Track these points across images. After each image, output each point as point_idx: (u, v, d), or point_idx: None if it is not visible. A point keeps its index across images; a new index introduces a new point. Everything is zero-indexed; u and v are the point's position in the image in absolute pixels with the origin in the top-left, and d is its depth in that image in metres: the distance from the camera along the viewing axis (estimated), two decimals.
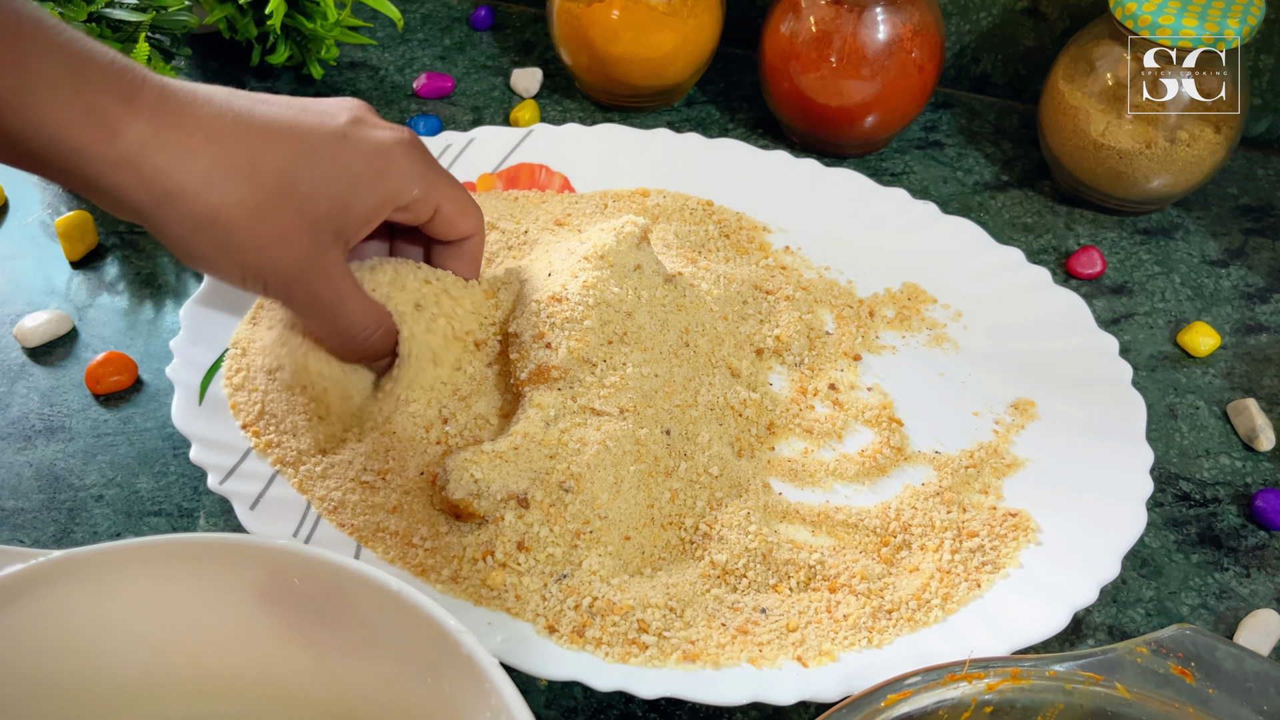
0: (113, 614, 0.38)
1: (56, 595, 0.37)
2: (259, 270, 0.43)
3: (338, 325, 0.46)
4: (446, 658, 0.36)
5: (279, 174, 0.42)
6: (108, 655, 0.39)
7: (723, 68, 0.74)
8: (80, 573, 0.38)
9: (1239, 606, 0.48)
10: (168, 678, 0.39)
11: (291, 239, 0.43)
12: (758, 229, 0.62)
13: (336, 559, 0.38)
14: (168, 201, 0.40)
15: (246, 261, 0.43)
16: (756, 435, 0.52)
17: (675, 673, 0.42)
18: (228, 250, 0.42)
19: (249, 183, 0.41)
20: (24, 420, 0.53)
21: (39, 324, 0.56)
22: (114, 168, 0.39)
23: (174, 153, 0.40)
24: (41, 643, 0.38)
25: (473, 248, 0.51)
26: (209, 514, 0.50)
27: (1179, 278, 0.63)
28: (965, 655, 0.43)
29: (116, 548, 0.38)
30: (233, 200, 0.41)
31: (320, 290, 0.45)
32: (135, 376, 0.55)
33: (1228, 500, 0.52)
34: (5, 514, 0.50)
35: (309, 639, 0.39)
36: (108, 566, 0.38)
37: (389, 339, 0.48)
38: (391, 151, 0.45)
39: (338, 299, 0.46)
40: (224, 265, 0.43)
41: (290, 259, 0.43)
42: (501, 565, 0.45)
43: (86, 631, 0.38)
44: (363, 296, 0.47)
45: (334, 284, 0.45)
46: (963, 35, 0.72)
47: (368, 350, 0.48)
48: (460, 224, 0.49)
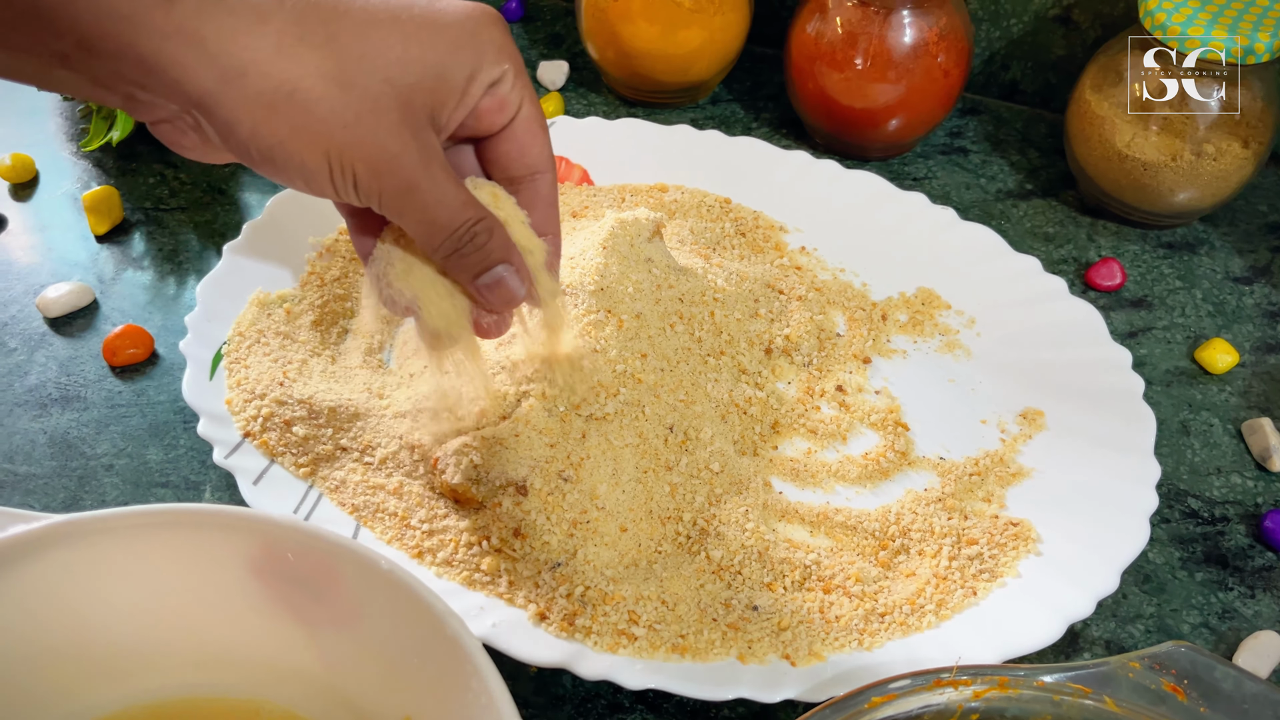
0: (111, 580, 0.39)
1: (58, 559, 0.38)
2: (348, 153, 0.37)
3: (438, 217, 0.39)
4: (433, 638, 0.36)
5: (362, 37, 0.37)
6: (106, 622, 0.39)
7: (750, 67, 0.74)
8: (81, 538, 0.38)
9: (1241, 627, 0.48)
10: (163, 646, 0.40)
11: (384, 111, 0.37)
12: (774, 228, 0.62)
13: (329, 535, 0.38)
14: (235, 79, 0.35)
15: (334, 143, 0.36)
16: (760, 434, 0.52)
17: (662, 665, 0.42)
18: (311, 131, 0.36)
19: (328, 47, 0.36)
20: (41, 388, 0.54)
21: (61, 295, 0.58)
22: (170, 40, 0.34)
23: (240, 18, 0.34)
24: (42, 606, 0.38)
25: (546, 190, 0.43)
26: (215, 488, 0.51)
27: (1201, 293, 0.62)
28: (955, 662, 0.43)
29: (116, 514, 0.38)
30: (313, 68, 0.35)
31: (416, 176, 0.38)
32: (151, 350, 0.56)
33: (1236, 520, 0.52)
34: (18, 479, 0.51)
35: (300, 614, 0.39)
36: (107, 533, 0.38)
37: (496, 243, 0.41)
38: (480, 18, 0.39)
39: (436, 187, 0.39)
40: (307, 153, 0.36)
41: (384, 136, 0.37)
42: (496, 551, 0.46)
43: (86, 597, 0.39)
44: (463, 186, 0.40)
45: (430, 170, 0.38)
46: (993, 42, 0.71)
47: (470, 255, 0.41)
48: (536, 143, 0.42)
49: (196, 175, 0.66)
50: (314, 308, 0.55)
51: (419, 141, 0.38)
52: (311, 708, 0.40)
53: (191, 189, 0.65)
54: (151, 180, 0.65)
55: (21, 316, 0.58)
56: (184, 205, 0.64)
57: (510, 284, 0.42)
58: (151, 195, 0.64)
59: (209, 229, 0.63)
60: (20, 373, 0.55)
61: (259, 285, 0.55)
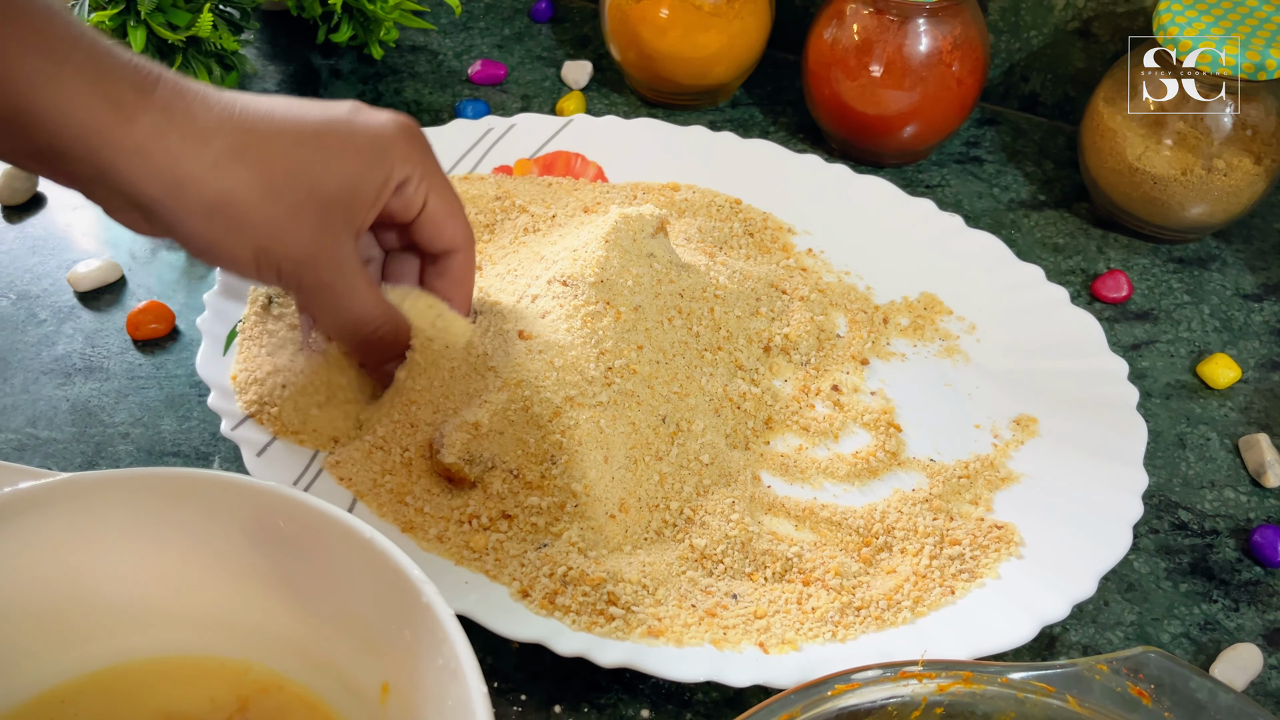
0: (111, 538, 0.41)
1: (63, 515, 0.40)
2: (272, 254, 0.44)
3: (349, 315, 0.47)
4: (409, 605, 0.38)
5: (289, 157, 0.43)
6: (105, 578, 0.41)
7: (771, 72, 0.75)
8: (85, 495, 0.40)
9: (1222, 639, 0.48)
10: (158, 605, 0.42)
11: (304, 219, 0.43)
12: (783, 230, 0.63)
13: (317, 504, 0.39)
14: (179, 188, 0.41)
15: (259, 245, 0.43)
16: (753, 429, 0.53)
17: (637, 645, 0.44)
18: (240, 234, 0.43)
19: (260, 166, 0.42)
20: (67, 358, 0.57)
21: (90, 270, 0.60)
22: (128, 155, 0.40)
23: (186, 140, 0.41)
24: (46, 559, 0.40)
25: (459, 267, 0.50)
26: (223, 459, 0.53)
27: (1208, 309, 0.62)
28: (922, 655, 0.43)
29: (119, 475, 0.40)
30: (244, 183, 0.42)
31: (332, 276, 0.45)
32: (172, 326, 0.58)
33: (1226, 533, 0.52)
34: (40, 442, 0.53)
35: (289, 579, 0.41)
36: (110, 492, 0.40)
37: (399, 339, 0.49)
38: (391, 132, 0.46)
39: (349, 286, 0.46)
40: (237, 250, 0.43)
41: (303, 240, 0.44)
42: (485, 529, 0.47)
43: (87, 552, 0.41)
44: (374, 289, 0.47)
45: (345, 270, 0.46)
46: (1013, 53, 0.71)
47: (376, 346, 0.48)
48: (447, 228, 0.49)
49: None
50: None
51: (336, 247, 0.45)
52: (297, 670, 0.42)
53: None
54: None
55: (53, 290, 0.60)
56: None
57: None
58: None
59: None
60: (48, 343, 0.58)
61: None
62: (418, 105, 0.72)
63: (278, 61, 0.75)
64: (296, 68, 0.75)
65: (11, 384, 0.56)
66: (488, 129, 0.66)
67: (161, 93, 0.41)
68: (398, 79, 0.74)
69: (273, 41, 0.77)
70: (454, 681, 0.36)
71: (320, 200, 0.44)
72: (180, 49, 0.65)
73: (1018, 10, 0.70)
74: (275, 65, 0.75)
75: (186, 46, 0.65)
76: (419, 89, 0.74)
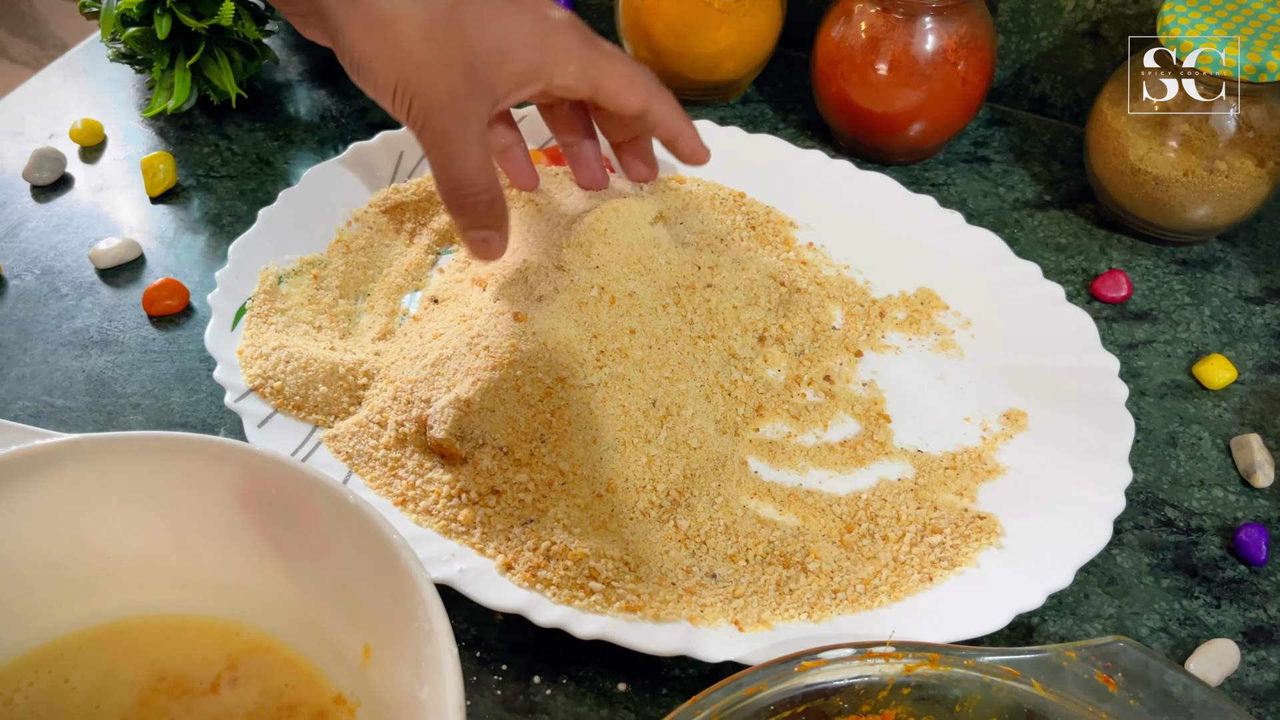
0: (112, 498, 0.42)
1: (66, 474, 0.42)
2: (410, 89, 0.47)
3: (455, 171, 0.49)
4: (389, 569, 0.39)
5: (453, 6, 0.46)
6: (104, 537, 0.42)
7: (784, 69, 0.76)
8: (87, 456, 0.41)
9: (1201, 635, 0.48)
10: (155, 565, 0.43)
11: (447, 68, 0.47)
12: (785, 223, 0.64)
13: (307, 470, 0.41)
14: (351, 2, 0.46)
15: (403, 76, 0.46)
16: (743, 415, 0.54)
17: (614, 619, 0.45)
18: (390, 59, 0.46)
19: (427, 5, 0.46)
20: (84, 331, 0.59)
21: (111, 248, 0.62)
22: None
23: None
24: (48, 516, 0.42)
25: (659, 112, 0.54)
26: (228, 430, 0.54)
27: (1209, 310, 0.62)
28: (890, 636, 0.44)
29: (120, 437, 0.42)
30: (407, 14, 0.46)
31: (453, 128, 0.48)
32: (186, 303, 0.60)
33: (1212, 531, 0.52)
34: (54, 410, 0.55)
35: (279, 543, 0.42)
36: (111, 454, 0.42)
37: (494, 213, 0.51)
38: (555, 26, 0.49)
39: (464, 143, 0.48)
40: (382, 74, 0.47)
41: (440, 87, 0.47)
42: (474, 504, 0.48)
43: (88, 511, 0.42)
44: (487, 157, 0.49)
45: (466, 128, 0.48)
46: (1023, 54, 0.72)
47: (470, 210, 0.50)
48: (625, 98, 0.52)
49: (247, 147, 0.70)
50: (338, 273, 0.59)
51: (467, 104, 0.47)
52: (285, 632, 0.43)
53: (241, 159, 0.69)
54: (206, 150, 0.70)
55: (75, 266, 0.63)
56: (233, 174, 0.68)
57: (491, 247, 0.52)
58: (205, 164, 0.69)
59: (253, 197, 0.67)
60: (68, 316, 0.60)
61: (289, 249, 0.59)
62: None
63: (301, 52, 0.77)
64: (319, 58, 0.77)
65: (31, 354, 0.58)
66: None
67: None
68: None
69: (296, 31, 0.79)
70: (429, 643, 0.37)
71: (468, 57, 0.47)
72: (204, 37, 0.67)
73: (1027, 11, 0.70)
74: (299, 55, 0.77)
75: (210, 35, 0.67)
76: None
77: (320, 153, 0.70)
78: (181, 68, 0.67)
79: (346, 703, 0.41)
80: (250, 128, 0.71)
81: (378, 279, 0.60)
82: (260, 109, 0.73)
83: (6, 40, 1.55)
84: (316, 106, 0.73)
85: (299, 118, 0.72)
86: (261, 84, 0.74)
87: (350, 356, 0.54)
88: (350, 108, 0.73)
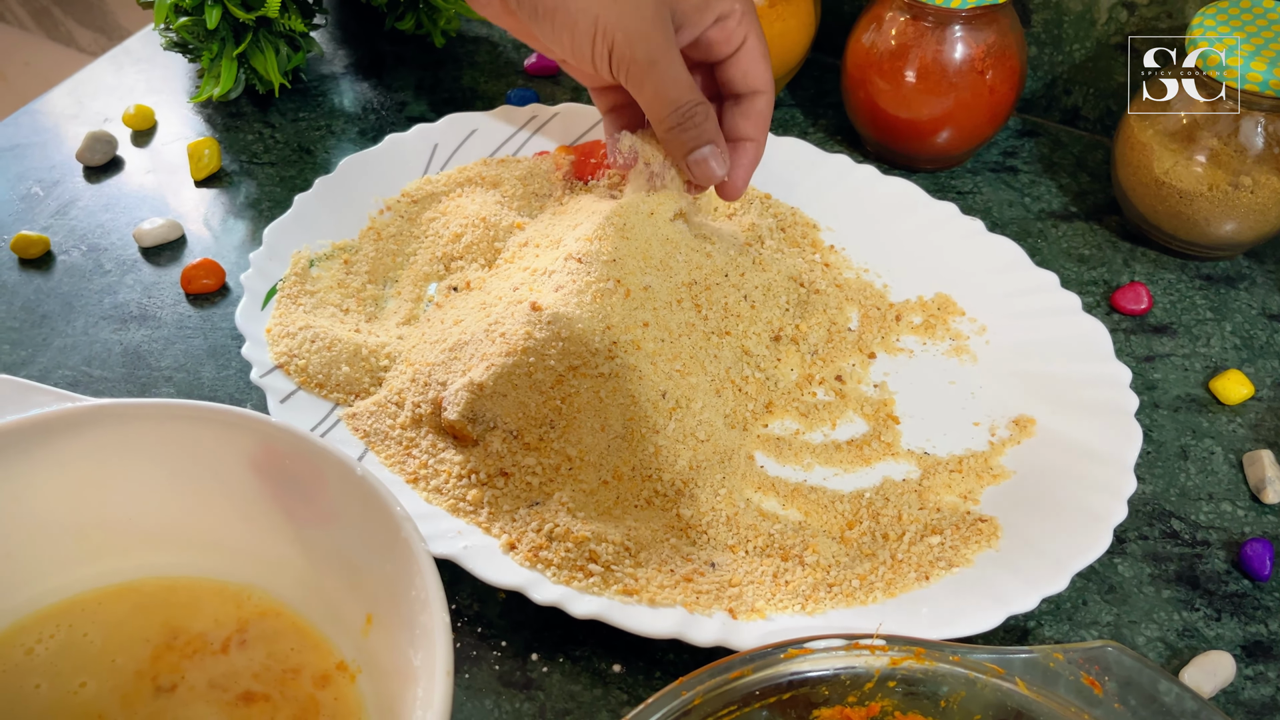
0: (133, 461, 0.44)
1: (93, 436, 0.43)
2: (611, 24, 0.48)
3: (672, 93, 0.50)
4: (391, 539, 0.41)
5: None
6: (125, 498, 0.44)
7: (816, 75, 0.77)
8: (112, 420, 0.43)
9: (1199, 646, 0.48)
10: (171, 528, 0.45)
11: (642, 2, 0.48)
12: (810, 226, 0.65)
13: (317, 440, 0.42)
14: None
15: (602, 13, 0.48)
16: (752, 411, 0.55)
17: (611, 601, 0.46)
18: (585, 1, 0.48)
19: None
20: (125, 306, 0.61)
21: (155, 228, 0.65)
22: None
23: None
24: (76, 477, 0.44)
25: (764, 106, 0.54)
26: (254, 406, 0.56)
27: (1230, 326, 0.61)
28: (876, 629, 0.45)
29: (142, 403, 0.44)
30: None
31: (659, 54, 0.49)
32: (222, 282, 0.62)
33: (1218, 545, 0.52)
34: (92, 380, 0.58)
35: (289, 511, 0.44)
36: (134, 419, 0.44)
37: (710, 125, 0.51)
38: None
39: (673, 65, 0.50)
40: (580, 16, 0.48)
41: (640, 19, 0.48)
42: (483, 484, 0.50)
43: (110, 473, 0.44)
44: (687, 73, 0.51)
45: (669, 51, 0.50)
46: (1055, 66, 0.72)
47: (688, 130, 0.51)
48: (758, 69, 0.53)
49: (289, 136, 0.72)
50: (368, 259, 0.61)
51: (665, 30, 0.49)
52: (293, 598, 0.45)
53: (283, 148, 0.72)
54: (250, 137, 0.72)
55: (119, 244, 0.65)
56: (274, 161, 0.71)
57: (713, 163, 0.52)
58: (248, 150, 0.71)
59: (293, 183, 0.69)
60: (110, 291, 0.62)
61: (322, 233, 0.61)
62: (473, 93, 0.76)
63: (346, 45, 0.80)
64: (363, 52, 0.79)
65: (74, 326, 0.60)
66: (532, 115, 0.69)
67: None
68: (456, 67, 0.78)
69: (343, 26, 0.81)
70: (424, 611, 0.39)
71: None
72: (251, 28, 0.69)
73: (1060, 23, 0.70)
74: (344, 49, 0.79)
75: (258, 26, 0.70)
76: (476, 77, 0.77)
77: (360, 143, 0.72)
78: (229, 57, 0.69)
79: (348, 668, 0.43)
80: (294, 117, 0.74)
81: (406, 266, 0.61)
82: (304, 99, 0.75)
83: (76, 30, 1.60)
84: (359, 99, 0.75)
85: (341, 109, 0.75)
86: (307, 75, 0.77)
87: (374, 339, 0.56)
88: (390, 101, 0.75)
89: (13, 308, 0.61)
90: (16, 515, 0.43)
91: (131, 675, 0.42)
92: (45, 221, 0.67)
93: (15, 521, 0.43)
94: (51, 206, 0.68)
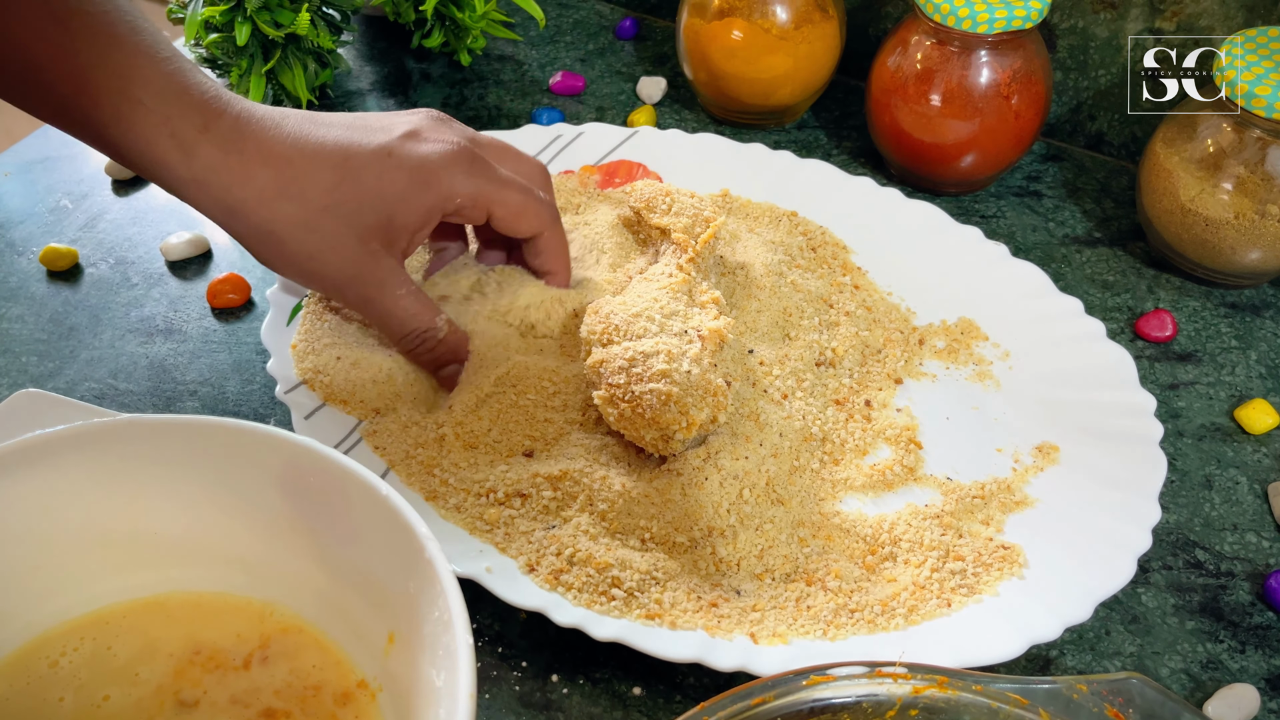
0: (161, 477, 0.44)
1: (121, 450, 0.44)
2: (313, 275, 0.51)
3: (393, 325, 0.53)
4: (414, 559, 0.41)
5: (325, 192, 0.49)
6: (151, 513, 0.45)
7: (841, 97, 0.77)
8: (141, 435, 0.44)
9: (1222, 679, 0.48)
10: (196, 543, 0.45)
11: (341, 247, 0.50)
12: (841, 247, 0.65)
13: (343, 460, 0.43)
14: (232, 215, 0.49)
15: (303, 268, 0.50)
16: (815, 469, 0.54)
17: (632, 624, 0.46)
18: (286, 257, 0.50)
19: (297, 201, 0.48)
20: (151, 319, 0.62)
21: (181, 242, 0.65)
22: (190, 185, 0.48)
23: (235, 176, 0.48)
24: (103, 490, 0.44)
25: (545, 245, 0.56)
26: (278, 421, 0.57)
27: (1256, 355, 0.61)
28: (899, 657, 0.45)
29: (172, 419, 0.44)
30: (283, 216, 0.48)
31: (373, 292, 0.51)
32: (248, 297, 0.63)
33: (1242, 576, 0.51)
34: (118, 393, 0.58)
35: (313, 528, 0.44)
36: (162, 435, 0.44)
37: (445, 346, 0.53)
38: (434, 164, 0.50)
39: (391, 300, 0.52)
40: (285, 269, 0.51)
41: (340, 265, 0.50)
42: (500, 504, 0.50)
43: (139, 489, 0.44)
44: (419, 302, 0.52)
45: (385, 287, 0.51)
46: (1080, 91, 0.72)
47: (422, 354, 0.54)
48: (520, 224, 0.54)
49: None
50: None
51: (374, 268, 0.50)
52: (315, 615, 0.45)
53: None
54: None
55: (147, 258, 0.66)
56: None
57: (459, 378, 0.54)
58: None
59: None
60: (136, 304, 0.63)
61: None
62: (498, 111, 0.76)
63: (374, 63, 0.80)
64: (390, 69, 0.80)
65: (100, 339, 0.61)
66: (556, 135, 0.69)
67: (221, 128, 0.47)
68: (482, 85, 0.78)
69: (371, 43, 0.82)
70: (446, 632, 0.39)
71: (357, 229, 0.50)
72: (280, 45, 0.70)
73: (1086, 49, 0.70)
74: (371, 66, 0.80)
75: (286, 43, 0.70)
76: (501, 95, 0.78)
77: None
78: (257, 73, 0.70)
79: (369, 687, 0.43)
80: None
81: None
82: None
83: None
84: None
85: None
86: (334, 91, 0.77)
87: (397, 356, 0.56)
88: None
89: (41, 319, 0.62)
90: (44, 528, 0.43)
91: (154, 689, 0.42)
92: (74, 234, 0.67)
93: (43, 534, 0.43)
94: (80, 219, 0.68)
